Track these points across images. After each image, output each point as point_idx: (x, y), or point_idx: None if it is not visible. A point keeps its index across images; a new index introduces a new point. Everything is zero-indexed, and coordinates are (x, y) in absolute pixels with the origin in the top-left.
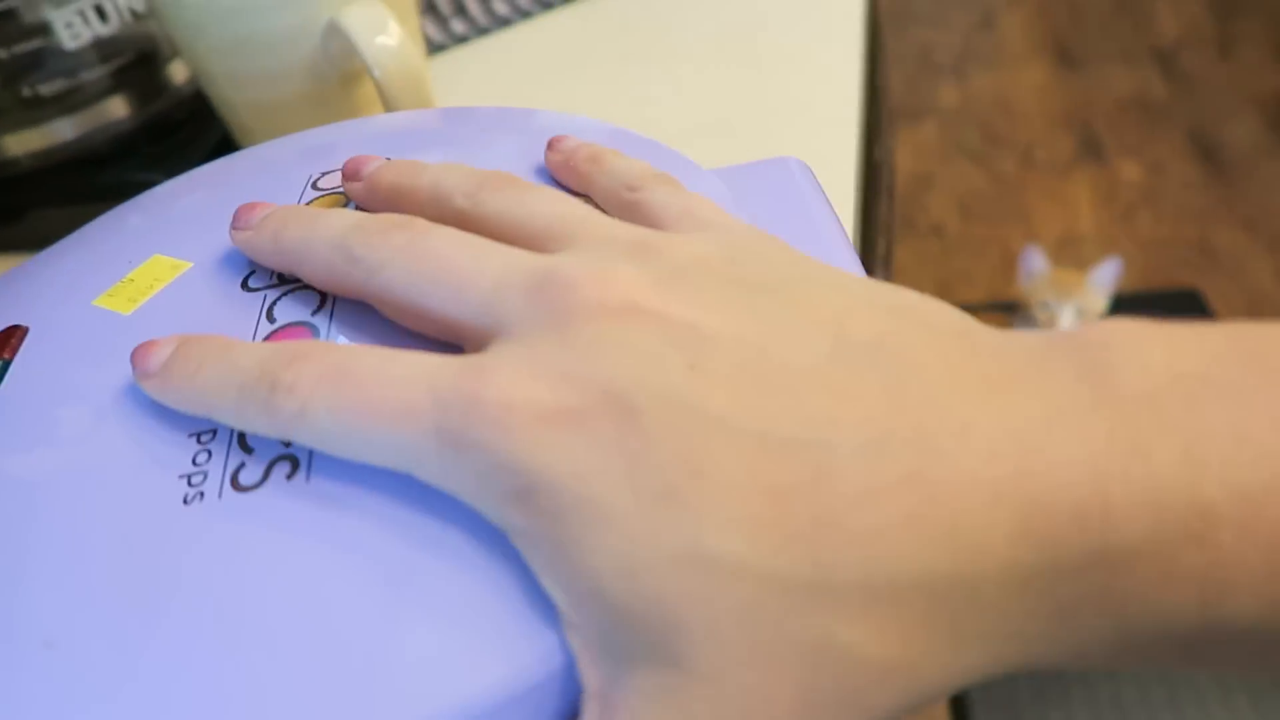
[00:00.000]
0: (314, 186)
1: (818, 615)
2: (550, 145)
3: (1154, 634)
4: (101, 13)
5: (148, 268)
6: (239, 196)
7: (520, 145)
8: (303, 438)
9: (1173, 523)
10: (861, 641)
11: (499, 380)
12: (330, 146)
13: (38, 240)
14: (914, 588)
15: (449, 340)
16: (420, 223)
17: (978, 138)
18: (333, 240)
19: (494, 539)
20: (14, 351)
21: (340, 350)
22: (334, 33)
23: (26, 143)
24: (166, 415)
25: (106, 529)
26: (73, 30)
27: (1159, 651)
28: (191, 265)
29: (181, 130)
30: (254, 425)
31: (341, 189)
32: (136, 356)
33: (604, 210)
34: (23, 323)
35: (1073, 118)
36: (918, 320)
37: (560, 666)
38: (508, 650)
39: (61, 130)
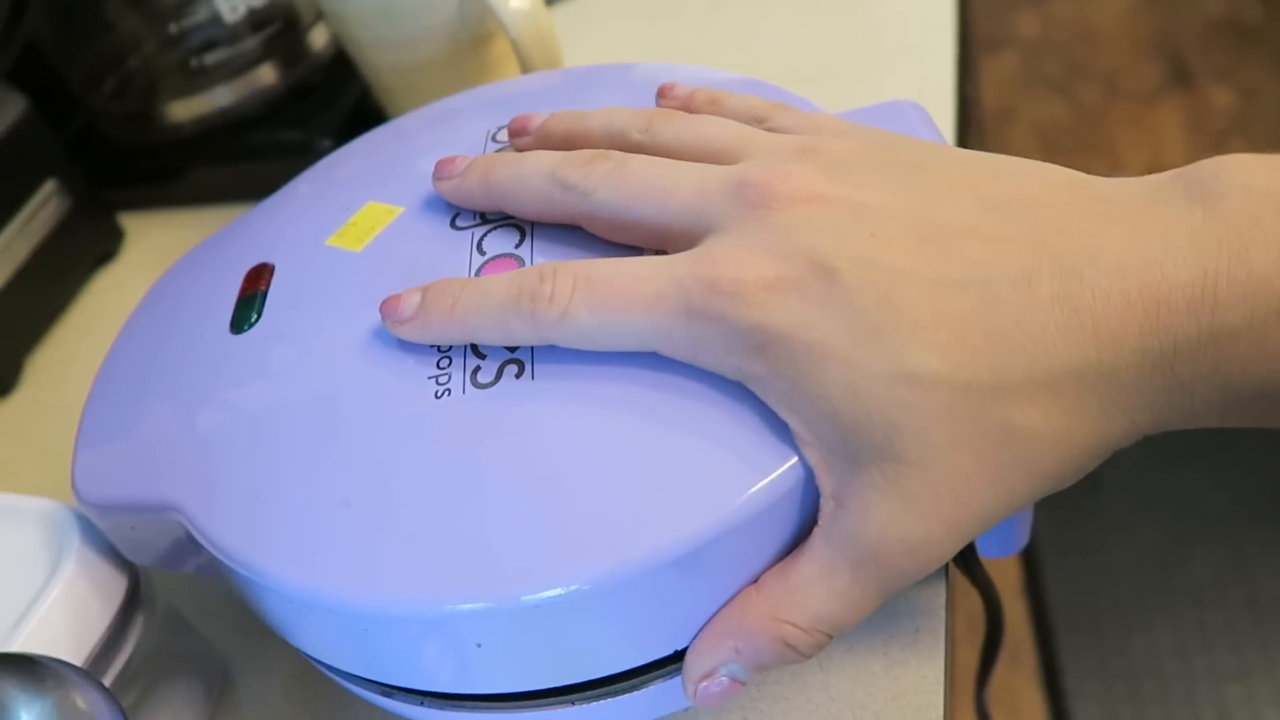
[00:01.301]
0: (493, 139)
1: (999, 407)
2: (662, 93)
3: (1253, 396)
4: None
5: (366, 213)
6: (428, 149)
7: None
8: (564, 337)
9: (1265, 309)
10: (1034, 423)
11: (727, 263)
12: (499, 103)
13: (195, 197)
14: (1069, 377)
15: (655, 246)
16: (616, 153)
17: (1060, 67)
18: (544, 174)
19: (698, 399)
20: (267, 284)
21: (580, 263)
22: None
23: (191, 109)
24: (405, 345)
25: (380, 417)
26: (231, 3)
27: (1259, 411)
28: (403, 210)
29: (320, 92)
30: (518, 337)
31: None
32: (387, 309)
33: None
34: (268, 261)
35: (1160, 43)
36: (1038, 178)
37: (801, 479)
38: (762, 467)
39: (220, 97)
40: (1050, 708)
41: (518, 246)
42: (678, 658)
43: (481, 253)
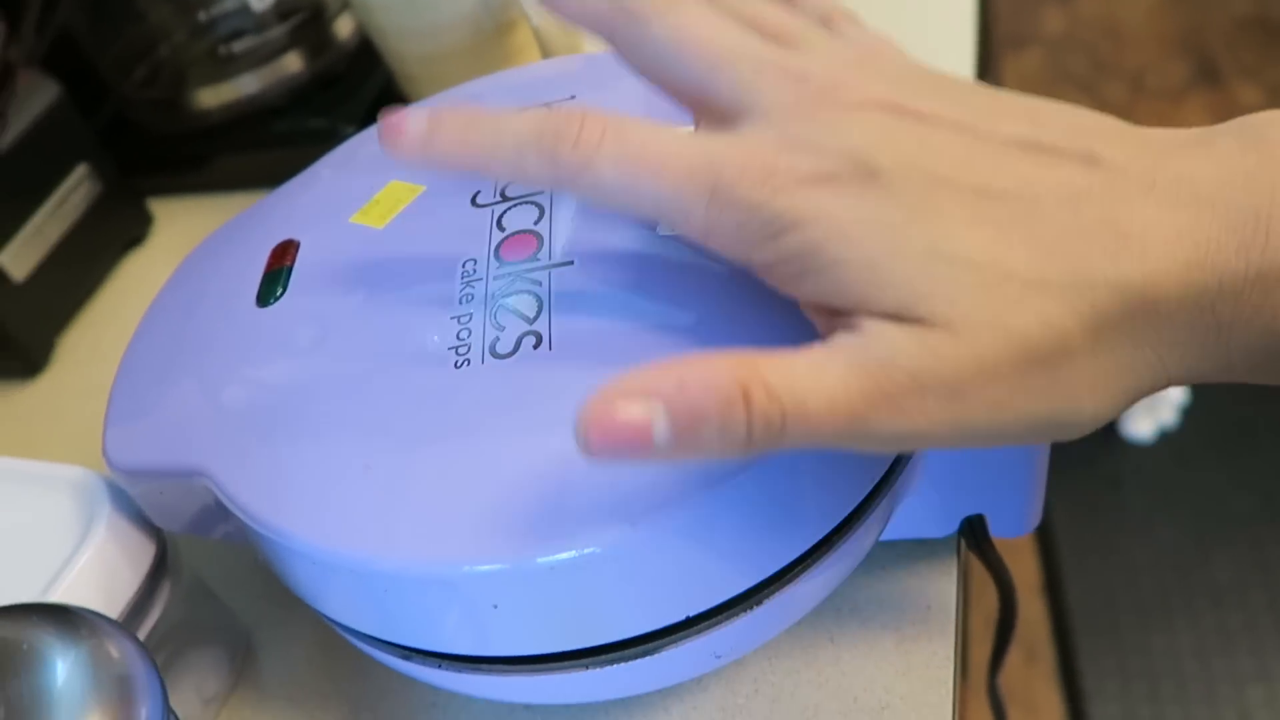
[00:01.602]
0: None
1: (1036, 300)
2: None
3: None
4: None
5: (389, 191)
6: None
7: None
8: (580, 186)
9: None
10: (1069, 326)
11: (765, 150)
12: (520, 87)
13: (222, 183)
14: (1109, 292)
15: (688, 104)
16: None
17: (1085, 65)
18: None
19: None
20: (293, 259)
21: (615, 116)
22: None
23: (218, 96)
24: (431, 304)
25: (401, 387)
26: None
27: None
28: (425, 188)
29: (344, 81)
30: (531, 176)
31: None
32: (386, 124)
33: None
34: (293, 237)
35: (1187, 40)
36: (1094, 117)
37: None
38: None
39: (247, 84)
40: (1068, 707)
41: (537, 223)
42: (690, 624)
43: (501, 229)
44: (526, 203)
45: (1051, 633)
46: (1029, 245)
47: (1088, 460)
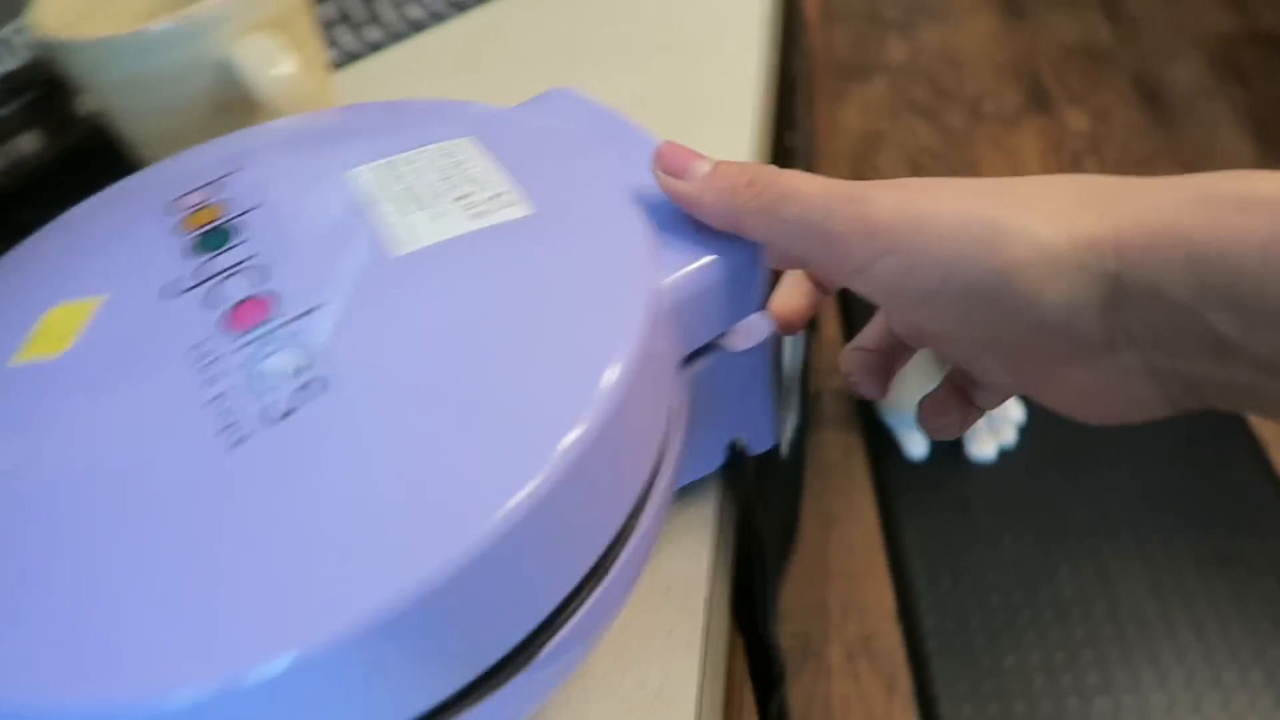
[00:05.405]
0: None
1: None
2: None
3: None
4: (8, 45)
5: (57, 316)
6: (105, 230)
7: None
8: None
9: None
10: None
11: None
12: (206, 165)
13: None
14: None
15: None
16: None
17: (927, 92)
18: None
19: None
20: None
21: None
22: (228, 68)
23: None
24: (170, 405)
25: (169, 493)
26: None
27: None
28: (106, 297)
29: (98, 160)
30: None
31: (210, 203)
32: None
33: None
34: None
35: (1020, 68)
36: None
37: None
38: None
39: None
40: None
41: (263, 284)
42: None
43: (213, 307)
44: (233, 273)
45: (908, 661)
46: None
47: (935, 483)
